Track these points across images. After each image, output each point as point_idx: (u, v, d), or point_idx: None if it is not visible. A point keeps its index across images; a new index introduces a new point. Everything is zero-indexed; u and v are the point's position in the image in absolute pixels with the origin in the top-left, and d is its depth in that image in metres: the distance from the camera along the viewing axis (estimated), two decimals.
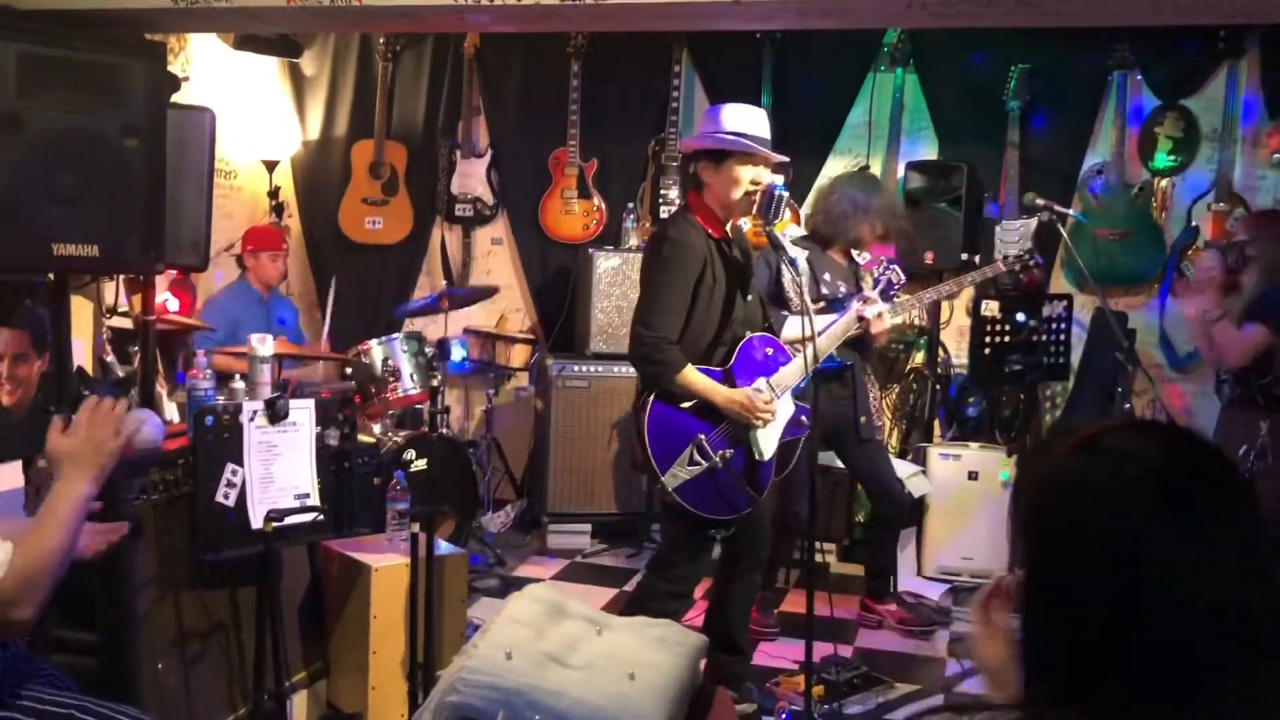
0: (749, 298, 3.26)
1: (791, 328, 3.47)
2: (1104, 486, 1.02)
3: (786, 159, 3.31)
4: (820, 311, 3.68)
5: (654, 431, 3.09)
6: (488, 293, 5.37)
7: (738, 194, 3.10)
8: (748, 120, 3.12)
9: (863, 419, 4.11)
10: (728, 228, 3.22)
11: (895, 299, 3.72)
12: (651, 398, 3.09)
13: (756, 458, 3.17)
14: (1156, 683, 0.98)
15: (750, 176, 3.09)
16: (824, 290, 3.97)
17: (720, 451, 3.11)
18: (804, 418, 3.24)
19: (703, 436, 3.10)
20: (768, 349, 3.22)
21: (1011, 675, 1.39)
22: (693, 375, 3.06)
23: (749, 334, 3.22)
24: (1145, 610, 0.98)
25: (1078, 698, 1.02)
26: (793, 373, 3.21)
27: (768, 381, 3.18)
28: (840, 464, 4.34)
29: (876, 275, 3.65)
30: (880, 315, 3.57)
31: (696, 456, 3.09)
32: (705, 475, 3.10)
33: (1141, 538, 0.98)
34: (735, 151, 3.08)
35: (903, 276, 3.65)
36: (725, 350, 3.18)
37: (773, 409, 3.14)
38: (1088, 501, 1.02)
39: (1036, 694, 1.07)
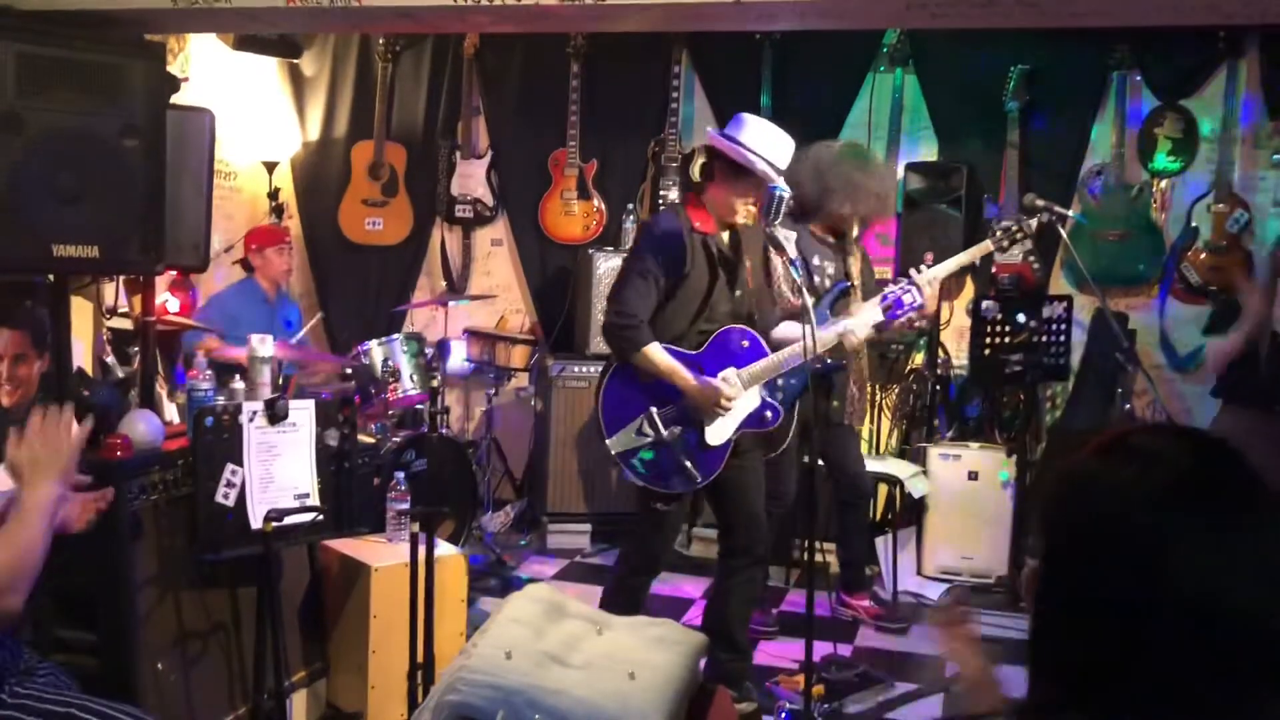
0: (737, 293, 3.31)
1: (785, 329, 3.44)
2: (1132, 487, 1.01)
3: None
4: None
5: (609, 396, 3.27)
6: None
7: (736, 207, 3.22)
8: (778, 149, 3.17)
9: (834, 403, 4.13)
10: (723, 229, 3.30)
11: (895, 323, 3.35)
12: (615, 366, 3.26)
13: (708, 442, 3.23)
14: (1166, 689, 0.97)
15: (755, 199, 3.19)
16: (814, 278, 3.98)
17: (670, 428, 3.21)
18: (769, 414, 3.28)
19: (654, 410, 3.21)
20: (744, 341, 3.27)
21: (990, 685, 1.40)
22: (656, 354, 3.17)
23: (729, 325, 3.27)
24: (1163, 613, 0.97)
25: (1083, 699, 1.01)
26: (765, 368, 3.25)
27: (737, 373, 3.24)
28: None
29: (887, 291, 3.35)
30: (850, 333, 3.29)
31: (645, 428, 3.23)
32: (651, 448, 3.22)
33: (1166, 540, 0.97)
34: (757, 175, 3.15)
35: (919, 299, 3.30)
36: (702, 338, 3.26)
37: (730, 397, 3.18)
38: (1114, 502, 1.01)
39: (1041, 695, 1.06)
